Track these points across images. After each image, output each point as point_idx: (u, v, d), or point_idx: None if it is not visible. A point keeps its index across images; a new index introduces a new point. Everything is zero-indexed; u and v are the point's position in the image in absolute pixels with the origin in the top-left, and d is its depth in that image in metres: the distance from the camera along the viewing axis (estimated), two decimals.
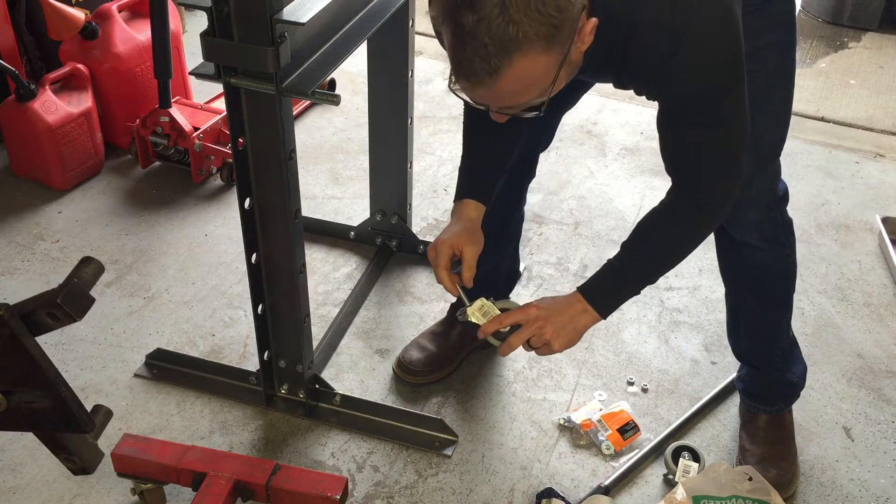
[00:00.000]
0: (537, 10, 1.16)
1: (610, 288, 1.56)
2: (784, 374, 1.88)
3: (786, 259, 1.77)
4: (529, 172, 1.94)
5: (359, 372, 2.11)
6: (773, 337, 1.85)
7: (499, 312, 1.57)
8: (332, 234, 2.55)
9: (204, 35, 1.45)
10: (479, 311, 1.58)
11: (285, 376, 1.95)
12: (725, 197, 1.49)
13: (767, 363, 1.87)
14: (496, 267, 2.03)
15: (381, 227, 2.46)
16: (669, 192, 1.53)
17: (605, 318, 1.56)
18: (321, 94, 1.50)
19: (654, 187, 2.81)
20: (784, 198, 1.73)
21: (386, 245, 2.48)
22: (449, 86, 1.27)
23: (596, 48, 1.31)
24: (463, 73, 1.23)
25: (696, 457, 1.86)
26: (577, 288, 1.56)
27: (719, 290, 1.90)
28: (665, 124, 1.45)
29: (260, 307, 1.81)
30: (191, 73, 1.56)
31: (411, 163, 2.34)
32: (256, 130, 1.58)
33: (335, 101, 1.50)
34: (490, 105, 1.34)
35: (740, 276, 1.82)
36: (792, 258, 1.79)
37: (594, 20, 1.26)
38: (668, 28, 1.29)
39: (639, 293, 1.57)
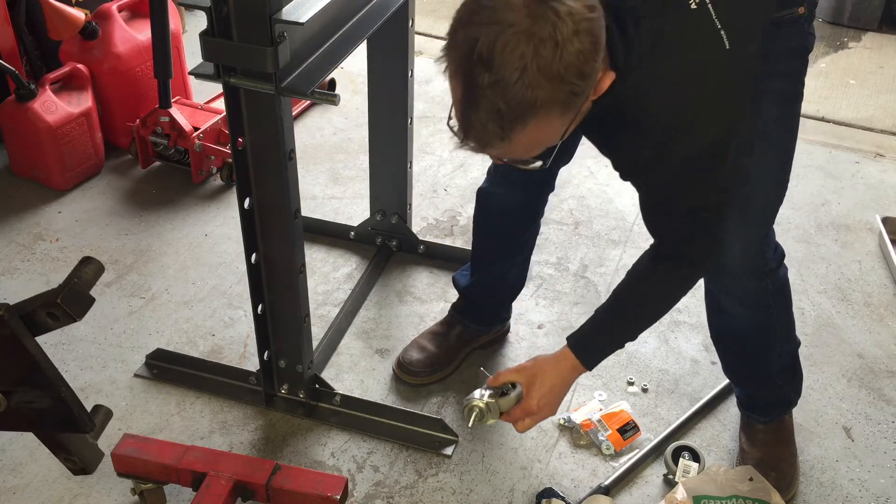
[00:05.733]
0: (559, 78, 1.09)
1: (600, 346, 1.60)
2: (781, 392, 1.87)
3: (768, 319, 1.72)
4: (549, 186, 1.88)
5: (359, 372, 2.11)
6: (763, 370, 1.83)
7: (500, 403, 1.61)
8: (332, 234, 2.55)
9: (203, 35, 1.45)
10: (490, 415, 1.61)
11: (285, 376, 1.95)
12: (706, 256, 1.49)
13: (765, 386, 1.86)
14: (504, 274, 2.02)
15: (381, 226, 2.46)
16: (651, 248, 1.53)
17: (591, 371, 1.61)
18: (320, 94, 1.50)
19: None
20: (778, 266, 1.69)
21: (386, 245, 2.48)
22: (458, 145, 1.20)
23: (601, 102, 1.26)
24: (473, 134, 1.17)
25: (696, 457, 1.86)
26: (569, 345, 1.58)
27: None
28: (641, 200, 1.45)
29: (260, 307, 1.81)
30: (190, 73, 1.57)
31: (411, 163, 2.34)
32: (256, 130, 1.58)
33: (334, 100, 1.50)
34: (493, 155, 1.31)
35: (717, 330, 1.83)
36: (775, 316, 1.73)
37: (612, 75, 1.21)
38: (662, 134, 1.29)
39: (623, 347, 1.61)
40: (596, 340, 1.59)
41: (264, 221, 1.71)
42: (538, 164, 1.30)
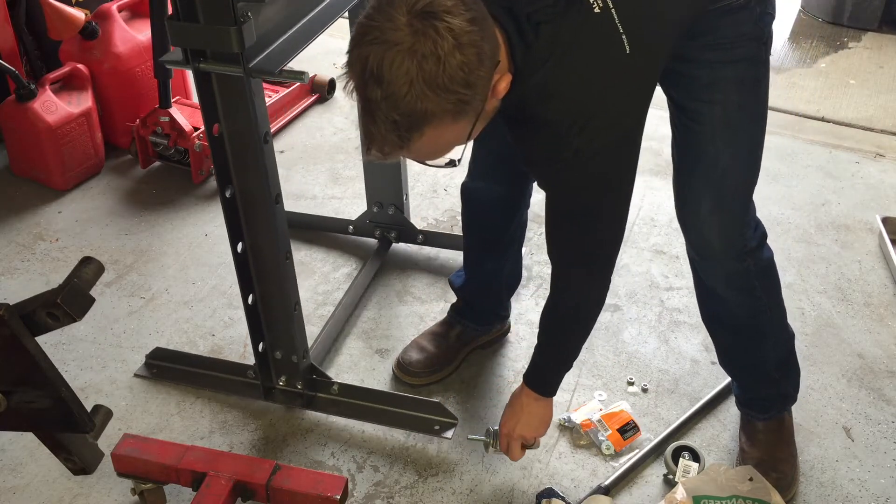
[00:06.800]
0: (445, 89, 1.17)
1: (548, 379, 1.74)
2: (779, 386, 1.86)
3: (756, 303, 1.73)
4: (529, 177, 1.91)
5: (359, 372, 2.11)
6: (758, 360, 1.83)
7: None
8: (331, 230, 2.55)
9: (169, 20, 1.45)
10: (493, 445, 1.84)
11: (282, 368, 1.94)
12: (601, 272, 1.56)
13: (759, 379, 1.86)
14: (499, 270, 2.02)
15: (379, 218, 2.46)
16: (551, 286, 1.62)
17: (554, 395, 1.76)
18: (288, 73, 1.50)
19: (653, 187, 2.81)
20: (758, 246, 1.69)
21: (385, 237, 2.48)
22: (365, 155, 1.29)
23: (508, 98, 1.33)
24: (375, 144, 1.25)
25: (696, 457, 1.86)
26: (524, 382, 1.74)
27: None
28: (546, 208, 1.52)
29: (250, 297, 1.80)
30: (159, 61, 1.57)
31: None
32: (230, 116, 1.58)
33: (302, 78, 1.50)
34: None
35: (707, 314, 1.84)
36: (762, 300, 1.73)
37: (509, 77, 1.29)
38: (561, 132, 1.35)
39: (572, 366, 1.72)
40: (542, 375, 1.74)
41: (247, 209, 1.70)
42: (451, 163, 1.39)
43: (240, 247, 1.73)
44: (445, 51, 1.15)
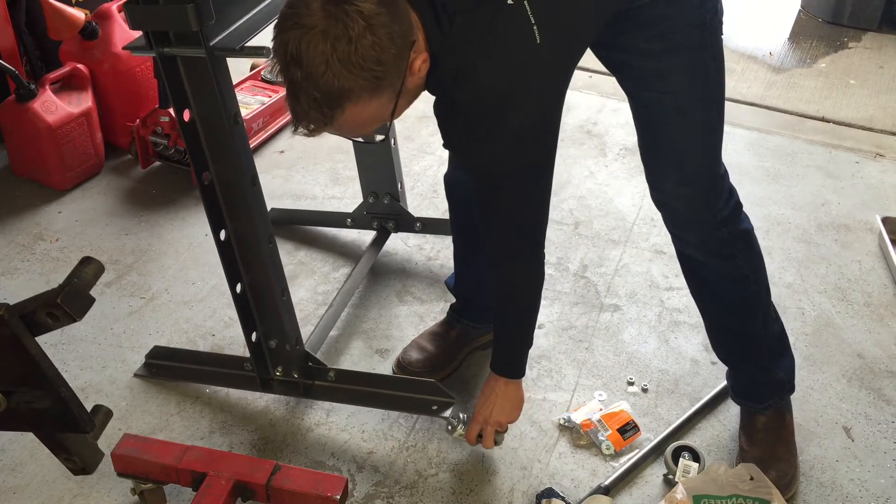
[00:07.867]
0: (358, 66, 1.26)
1: (511, 361, 1.79)
2: (770, 373, 1.87)
3: (736, 271, 1.74)
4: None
5: None
6: (749, 340, 1.83)
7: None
8: (328, 224, 2.56)
9: (127, 4, 1.46)
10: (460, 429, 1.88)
11: (277, 358, 1.92)
12: (526, 249, 1.62)
13: (752, 364, 1.86)
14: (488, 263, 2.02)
15: (375, 209, 2.46)
16: (493, 271, 1.69)
17: (523, 377, 1.80)
18: (250, 49, 1.51)
19: None
20: (732, 216, 1.70)
21: (383, 227, 2.48)
22: (293, 132, 1.36)
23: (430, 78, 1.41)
24: (301, 122, 1.34)
25: (696, 457, 1.86)
26: (491, 369, 1.79)
27: None
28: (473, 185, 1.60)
29: (238, 286, 1.79)
30: (124, 49, 1.59)
31: (395, 139, 2.34)
32: (199, 100, 1.58)
33: (262, 52, 1.50)
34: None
35: (694, 286, 1.84)
36: (744, 269, 1.75)
37: (424, 55, 1.37)
38: (473, 113, 1.42)
39: (531, 344, 1.79)
40: (505, 358, 1.79)
41: (226, 195, 1.69)
42: (379, 138, 1.46)
43: (222, 234, 1.73)
44: (356, 32, 1.24)
